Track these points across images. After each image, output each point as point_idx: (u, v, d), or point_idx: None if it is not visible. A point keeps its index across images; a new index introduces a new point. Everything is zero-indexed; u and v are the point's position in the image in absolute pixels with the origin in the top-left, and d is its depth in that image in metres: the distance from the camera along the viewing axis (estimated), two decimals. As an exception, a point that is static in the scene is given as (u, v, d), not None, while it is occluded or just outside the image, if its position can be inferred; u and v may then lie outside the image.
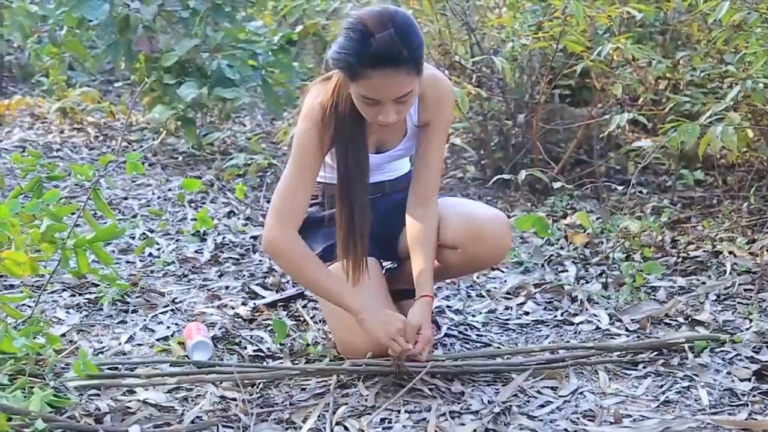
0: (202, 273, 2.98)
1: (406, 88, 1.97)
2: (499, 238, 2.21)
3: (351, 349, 2.16)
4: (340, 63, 1.99)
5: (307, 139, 2.12)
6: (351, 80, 1.99)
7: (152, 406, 1.92)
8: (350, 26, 1.95)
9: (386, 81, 1.95)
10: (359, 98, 2.01)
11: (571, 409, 1.95)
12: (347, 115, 2.09)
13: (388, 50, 1.91)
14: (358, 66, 1.94)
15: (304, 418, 1.88)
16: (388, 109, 1.99)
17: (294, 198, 2.14)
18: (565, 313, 2.63)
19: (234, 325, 2.47)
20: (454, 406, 1.95)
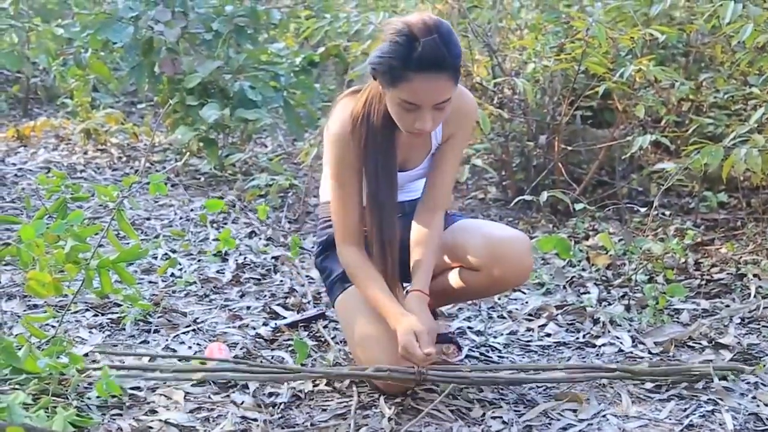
0: (224, 293, 3.00)
1: (446, 94, 2.00)
2: (520, 259, 2.21)
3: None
4: (382, 67, 2.01)
5: (342, 153, 2.15)
6: (391, 85, 2.01)
7: (174, 426, 1.93)
8: (395, 31, 1.99)
9: (429, 85, 1.97)
10: (398, 104, 2.03)
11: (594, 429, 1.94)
12: (379, 127, 2.11)
13: (433, 54, 1.95)
14: (402, 69, 1.97)
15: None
16: (425, 116, 2.01)
17: (345, 215, 2.18)
18: (587, 335, 2.62)
19: (255, 346, 2.49)
20: (475, 428, 1.95)
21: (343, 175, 2.17)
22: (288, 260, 3.35)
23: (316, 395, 2.15)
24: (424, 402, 2.08)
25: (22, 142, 5.23)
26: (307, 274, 3.21)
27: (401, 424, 1.97)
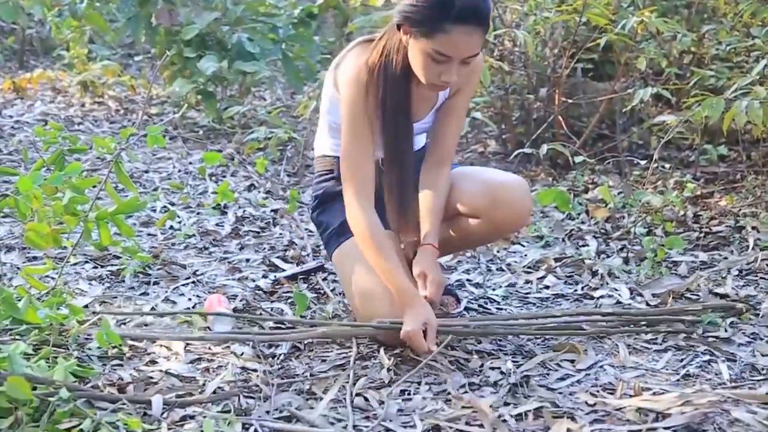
0: (223, 246, 3.01)
1: (477, 48, 1.99)
2: (520, 202, 2.21)
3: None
4: (416, 16, 1.98)
5: (358, 104, 2.11)
6: (425, 35, 1.98)
7: (174, 377, 1.95)
8: None
9: (465, 38, 1.95)
10: (428, 55, 1.99)
11: (591, 382, 1.95)
12: (398, 77, 2.09)
13: (474, 6, 1.93)
14: (441, 20, 1.94)
15: (325, 389, 1.90)
16: (452, 69, 1.99)
17: (361, 169, 2.12)
18: (586, 287, 2.63)
19: (255, 298, 2.50)
20: (474, 378, 1.97)
21: (358, 126, 2.11)
22: (287, 213, 3.35)
23: (316, 346, 2.17)
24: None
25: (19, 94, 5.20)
26: (306, 227, 3.21)
27: (400, 374, 1.98)
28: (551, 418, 1.75)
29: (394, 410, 1.79)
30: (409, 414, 1.78)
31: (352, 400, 1.84)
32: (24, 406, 1.65)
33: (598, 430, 1.71)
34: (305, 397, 1.87)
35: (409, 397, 1.87)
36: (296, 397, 1.86)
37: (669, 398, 1.83)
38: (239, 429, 1.67)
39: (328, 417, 1.76)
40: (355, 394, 1.87)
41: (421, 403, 1.84)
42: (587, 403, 1.85)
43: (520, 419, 1.77)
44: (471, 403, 1.81)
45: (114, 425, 1.64)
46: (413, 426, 1.72)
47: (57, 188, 1.99)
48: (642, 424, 1.72)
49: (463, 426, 1.73)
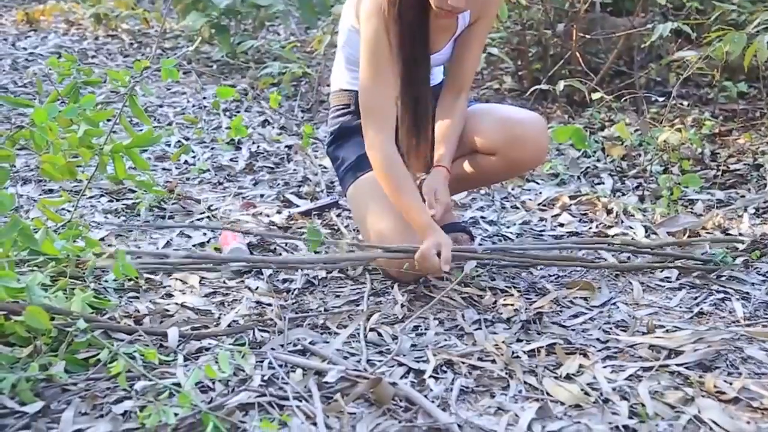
0: (237, 181, 3.00)
1: None
2: (537, 139, 2.20)
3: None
4: None
5: (379, 37, 2.07)
6: None
7: (190, 309, 1.96)
8: None
9: None
10: None
11: (604, 320, 1.96)
12: (416, 7, 2.07)
13: None
14: None
15: (338, 324, 1.91)
16: None
17: (383, 103, 2.09)
18: (601, 225, 2.61)
19: (269, 233, 2.50)
20: (487, 315, 1.97)
21: (380, 59, 2.07)
22: (301, 149, 3.33)
23: (330, 282, 2.17)
24: (436, 289, 2.11)
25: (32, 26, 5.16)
26: (320, 163, 3.20)
27: (413, 310, 1.99)
28: (564, 354, 1.76)
29: (407, 345, 1.80)
30: (421, 349, 1.79)
31: (366, 335, 1.85)
32: (42, 335, 1.67)
33: (610, 367, 1.72)
34: (319, 332, 1.88)
35: (422, 333, 1.88)
36: (310, 331, 1.87)
37: (682, 335, 1.83)
38: (253, 362, 1.69)
39: (342, 351, 1.78)
40: (368, 330, 1.88)
41: (433, 339, 1.85)
42: (600, 340, 1.85)
43: (532, 355, 1.77)
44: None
45: (131, 356, 1.66)
46: (426, 361, 1.73)
47: (72, 120, 1.98)
48: (654, 361, 1.73)
49: (476, 361, 1.74)
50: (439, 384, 1.64)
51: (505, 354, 1.75)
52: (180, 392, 1.49)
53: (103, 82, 3.67)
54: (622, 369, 1.71)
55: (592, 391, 1.61)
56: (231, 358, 1.67)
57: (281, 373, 1.64)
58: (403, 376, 1.68)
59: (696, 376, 1.67)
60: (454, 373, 1.69)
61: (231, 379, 1.62)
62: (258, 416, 1.50)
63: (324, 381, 1.61)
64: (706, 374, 1.67)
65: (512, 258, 2.19)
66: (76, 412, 1.50)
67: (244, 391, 1.56)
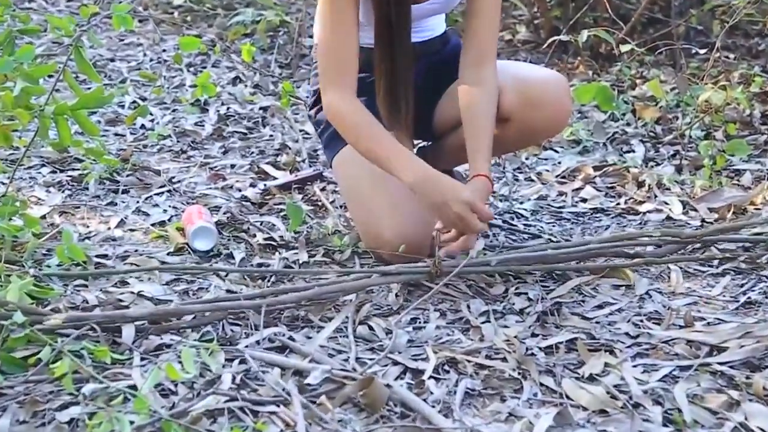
0: (204, 149, 3.00)
1: None
2: (558, 103, 2.19)
3: (378, 242, 2.15)
4: None
5: None
6: None
7: (147, 299, 1.96)
8: None
9: None
10: None
11: (634, 311, 1.96)
12: None
13: None
14: None
15: (322, 317, 1.91)
16: None
17: (339, 50, 2.08)
18: (630, 200, 2.62)
19: (241, 210, 2.49)
20: (496, 306, 1.97)
21: (340, 14, 2.06)
22: (279, 111, 3.32)
23: (313, 267, 2.17)
24: (436, 276, 2.09)
25: (-40, -32, 5.12)
26: (302, 128, 3.19)
27: (410, 300, 1.99)
28: (586, 351, 1.76)
29: (404, 341, 1.80)
30: (420, 345, 1.79)
31: (355, 329, 1.85)
32: (-27, 331, 1.67)
33: (641, 366, 1.72)
34: (300, 325, 1.88)
35: (421, 326, 1.88)
36: (290, 324, 1.87)
37: (726, 329, 1.83)
38: (223, 360, 1.69)
39: (327, 348, 1.78)
40: (358, 323, 1.88)
41: (434, 333, 1.85)
42: (629, 334, 1.85)
43: (549, 352, 1.78)
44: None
45: (77, 354, 1.66)
46: (425, 359, 1.74)
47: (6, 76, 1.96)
48: (693, 359, 1.73)
49: (484, 359, 1.74)
50: (441, 386, 1.65)
51: (517, 351, 1.76)
52: (136, 396, 1.49)
53: (43, 31, 3.65)
54: (655, 368, 1.71)
55: (619, 394, 1.62)
56: (196, 356, 1.67)
57: (256, 373, 1.64)
58: (398, 377, 1.68)
59: (742, 377, 1.67)
60: (458, 374, 1.69)
61: (196, 380, 1.62)
62: (228, 424, 1.50)
63: (306, 383, 1.61)
64: (754, 374, 1.67)
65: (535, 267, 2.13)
66: (14, 420, 1.50)
67: (212, 395, 1.56)
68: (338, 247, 2.25)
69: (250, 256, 2.22)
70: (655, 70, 3.66)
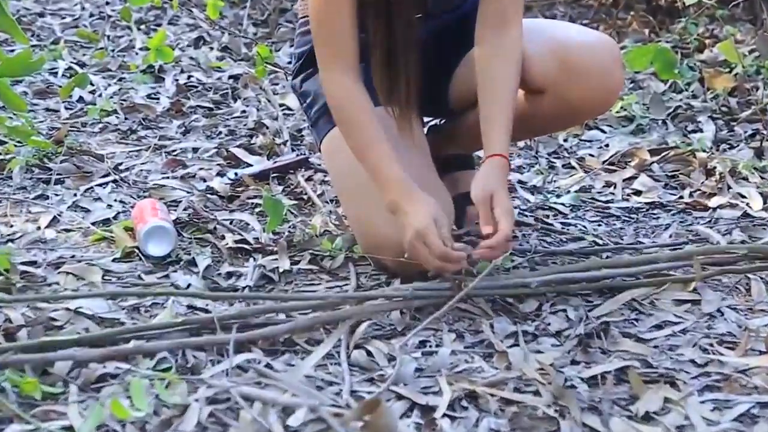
0: (159, 128, 3.00)
1: None
2: (605, 73, 2.19)
3: (380, 246, 2.16)
4: None
5: None
6: None
7: (88, 318, 1.95)
8: None
9: None
10: None
11: (702, 332, 1.95)
12: None
13: None
14: None
15: (309, 339, 1.91)
16: None
17: (334, 21, 2.10)
18: (696, 192, 2.62)
19: (207, 205, 2.50)
20: (526, 327, 1.97)
21: None
22: (253, 81, 3.33)
23: (297, 276, 2.17)
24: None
25: None
26: (282, 102, 3.19)
27: (419, 318, 1.99)
28: (641, 383, 1.75)
29: (411, 370, 1.80)
30: (431, 375, 1.79)
31: (349, 355, 1.85)
32: None
33: (711, 402, 1.72)
34: (280, 350, 1.88)
35: (432, 351, 1.88)
36: (267, 349, 1.87)
37: (818, 357, 1.83)
38: (184, 394, 1.69)
39: (314, 379, 1.77)
40: (353, 347, 1.88)
41: (449, 360, 1.84)
42: (695, 362, 1.85)
43: (594, 384, 1.77)
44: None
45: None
46: (437, 393, 1.73)
47: None
48: (776, 394, 1.74)
49: (511, 393, 1.74)
50: (458, 426, 1.65)
51: (554, 382, 1.76)
52: (73, 440, 1.49)
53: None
54: (729, 405, 1.71)
55: (683, 437, 1.62)
56: (150, 389, 1.67)
57: (225, 411, 1.64)
58: (404, 415, 1.68)
59: (837, 415, 1.67)
60: (479, 411, 1.69)
61: (149, 419, 1.62)
62: (189, 475, 1.50)
63: (287, 424, 1.61)
64: None
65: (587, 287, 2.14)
66: None
67: (169, 439, 1.56)
68: (328, 251, 2.25)
69: (218, 263, 2.22)
70: (730, 27, 3.66)
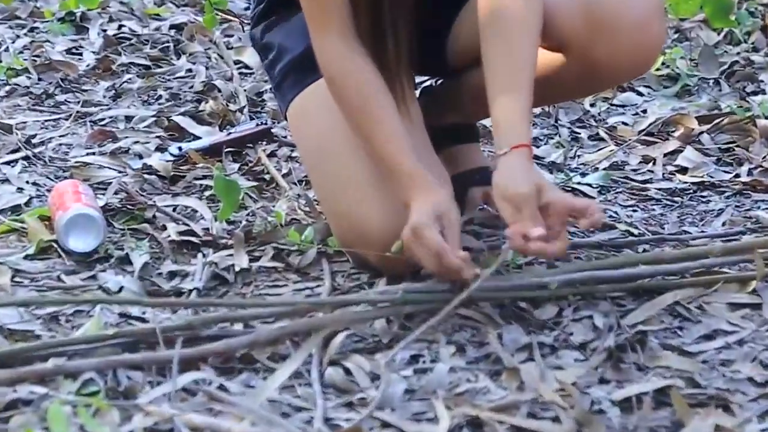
0: (82, 92, 3.00)
1: None
2: (642, 26, 2.20)
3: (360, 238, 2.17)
4: None
5: None
6: None
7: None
8: None
9: None
10: None
11: (763, 344, 1.97)
12: None
13: None
14: None
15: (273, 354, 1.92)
16: None
17: None
18: (757, 170, 2.63)
19: (143, 187, 2.50)
20: (543, 338, 1.98)
21: None
22: (201, 32, 3.33)
23: (257, 276, 2.19)
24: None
25: None
26: (238, 58, 3.20)
27: (409, 327, 2.00)
28: (686, 406, 1.76)
29: (399, 391, 1.81)
30: (425, 398, 1.80)
31: (323, 373, 1.86)
32: None
33: (772, 429, 1.74)
34: (237, 368, 1.89)
35: (426, 368, 1.90)
36: (221, 367, 1.88)
37: None
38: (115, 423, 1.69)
39: (279, 404, 1.78)
40: (327, 363, 1.90)
41: (447, 379, 1.86)
42: (754, 380, 1.86)
43: (627, 408, 1.78)
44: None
45: None
46: (433, 420, 1.74)
47: None
48: None
49: (525, 420, 1.75)
50: (458, 462, 1.66)
51: (577, 406, 1.77)
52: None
53: None
54: (794, 433, 1.73)
55: (738, 472, 1.64)
56: (72, 419, 1.68)
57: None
58: (391, 447, 1.70)
59: None
60: (485, 442, 1.71)
61: (73, 456, 1.63)
62: None
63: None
64: None
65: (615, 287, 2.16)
66: None
67: (98, 479, 1.58)
68: (296, 245, 2.26)
69: (158, 260, 2.23)
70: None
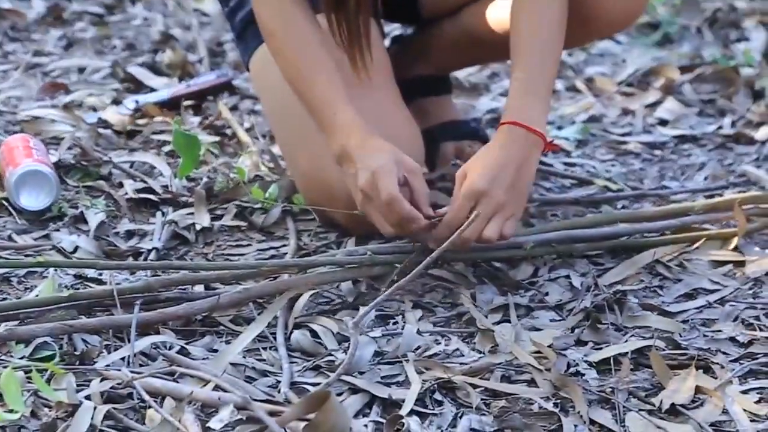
0: (32, 41, 2.99)
1: None
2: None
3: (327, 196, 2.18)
4: None
5: None
6: None
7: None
8: None
9: None
10: None
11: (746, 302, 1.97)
12: None
13: None
14: None
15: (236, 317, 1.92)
16: None
17: None
18: (741, 122, 2.64)
19: (98, 143, 2.50)
20: (519, 298, 1.98)
21: None
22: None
23: (219, 236, 2.19)
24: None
25: None
26: (197, 6, 3.19)
27: (378, 288, 2.00)
28: (666, 368, 1.77)
29: (368, 354, 1.81)
30: (395, 361, 1.81)
31: (288, 336, 1.86)
32: None
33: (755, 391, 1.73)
34: (198, 332, 1.88)
35: (396, 331, 1.90)
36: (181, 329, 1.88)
37: None
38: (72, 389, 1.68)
39: (244, 367, 1.78)
40: (293, 326, 1.90)
41: (417, 341, 1.86)
42: (736, 340, 1.87)
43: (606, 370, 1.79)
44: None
45: None
46: (403, 383, 1.75)
47: None
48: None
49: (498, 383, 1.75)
50: (429, 426, 1.66)
51: (553, 369, 1.77)
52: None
53: None
54: (778, 395, 1.74)
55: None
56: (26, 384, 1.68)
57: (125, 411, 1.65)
58: (361, 412, 1.69)
59: None
60: (456, 405, 1.70)
61: (27, 424, 1.62)
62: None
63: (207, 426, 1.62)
64: None
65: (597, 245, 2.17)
66: None
67: (54, 447, 1.58)
68: (260, 203, 2.25)
69: (114, 219, 2.23)
70: None
